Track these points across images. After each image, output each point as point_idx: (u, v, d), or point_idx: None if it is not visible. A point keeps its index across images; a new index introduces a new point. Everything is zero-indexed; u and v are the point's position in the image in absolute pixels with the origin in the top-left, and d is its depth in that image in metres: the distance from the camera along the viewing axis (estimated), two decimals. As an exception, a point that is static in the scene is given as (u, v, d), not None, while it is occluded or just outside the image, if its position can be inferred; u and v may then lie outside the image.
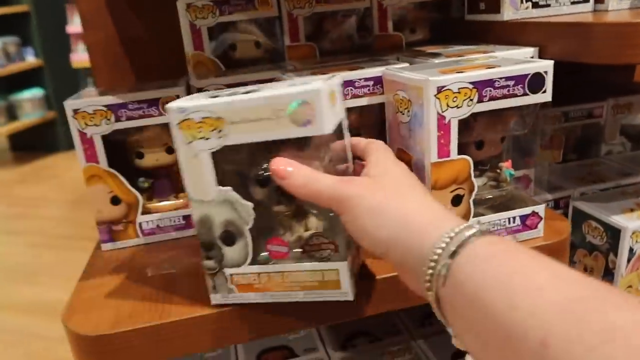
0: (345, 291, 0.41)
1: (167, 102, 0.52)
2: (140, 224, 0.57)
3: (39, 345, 1.56)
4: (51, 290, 1.88)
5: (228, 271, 0.42)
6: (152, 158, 0.58)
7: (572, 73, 0.60)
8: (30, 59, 3.63)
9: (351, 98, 0.51)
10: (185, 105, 0.38)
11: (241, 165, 0.42)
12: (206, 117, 0.37)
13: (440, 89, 0.43)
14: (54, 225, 2.49)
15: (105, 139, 0.54)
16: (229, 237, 0.40)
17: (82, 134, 0.54)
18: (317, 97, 0.36)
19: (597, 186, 0.72)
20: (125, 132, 0.55)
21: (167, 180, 0.60)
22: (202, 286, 0.46)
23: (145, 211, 0.57)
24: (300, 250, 0.42)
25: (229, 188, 0.39)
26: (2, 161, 3.82)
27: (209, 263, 0.41)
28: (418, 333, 0.72)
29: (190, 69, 0.66)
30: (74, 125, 0.53)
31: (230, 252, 0.41)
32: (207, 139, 0.38)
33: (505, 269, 0.28)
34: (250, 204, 0.39)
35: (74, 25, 2.99)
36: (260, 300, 0.42)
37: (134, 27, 0.80)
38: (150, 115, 0.54)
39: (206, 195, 0.40)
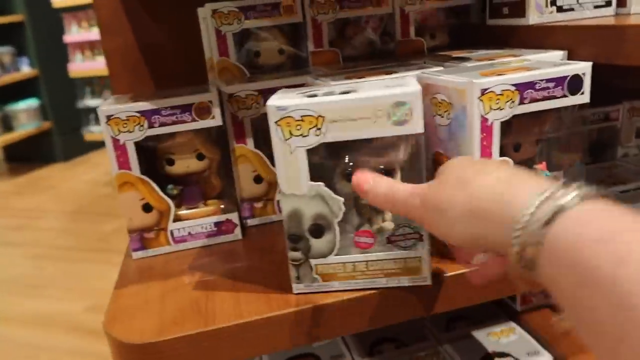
0: (425, 276, 0.44)
1: (200, 108, 0.52)
2: (171, 231, 0.56)
3: (47, 357, 1.54)
4: (55, 303, 1.85)
5: (313, 262, 0.44)
6: (183, 165, 0.57)
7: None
8: (26, 69, 3.61)
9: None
10: (286, 103, 0.40)
11: (328, 160, 0.43)
12: (306, 115, 0.39)
13: (483, 91, 0.43)
14: (54, 237, 2.47)
15: (137, 145, 0.54)
16: (318, 230, 0.43)
17: (115, 141, 0.53)
18: (416, 98, 0.39)
19: (617, 188, 0.73)
20: (156, 139, 0.55)
21: (196, 187, 0.59)
22: (241, 292, 0.46)
23: (176, 218, 0.57)
24: (386, 240, 0.44)
25: (321, 183, 0.42)
26: (-3, 172, 3.79)
27: (295, 254, 0.44)
28: (444, 338, 0.72)
29: (215, 75, 0.66)
30: (107, 132, 0.53)
31: (318, 244, 0.43)
32: (305, 136, 0.40)
33: (610, 227, 0.25)
34: (341, 199, 0.42)
35: (72, 35, 2.98)
36: (343, 288, 0.44)
37: (152, 34, 0.80)
38: (183, 121, 0.54)
39: (299, 189, 0.42)
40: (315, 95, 0.41)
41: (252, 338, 0.43)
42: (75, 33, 2.98)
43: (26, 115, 3.60)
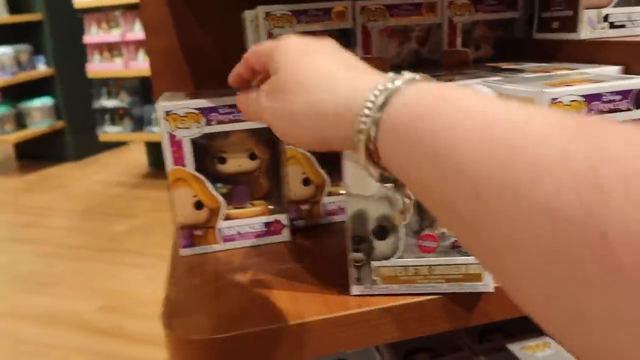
0: (487, 283, 0.44)
1: None
2: (220, 230, 0.56)
3: (57, 356, 1.53)
4: (64, 301, 1.85)
5: (375, 263, 0.44)
6: (235, 164, 0.58)
7: None
8: (42, 68, 3.64)
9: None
10: None
11: None
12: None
13: (553, 101, 0.43)
14: (64, 235, 2.47)
15: (192, 142, 0.54)
16: (382, 232, 0.43)
17: (172, 137, 0.53)
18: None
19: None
20: (210, 137, 0.55)
21: (246, 187, 0.59)
22: (298, 292, 0.46)
23: (225, 217, 0.57)
24: (450, 245, 0.44)
25: (391, 185, 0.41)
26: (8, 169, 3.80)
27: (358, 255, 0.44)
28: (479, 349, 0.71)
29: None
30: (164, 128, 0.53)
31: (381, 246, 0.43)
32: None
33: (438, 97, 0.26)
34: (410, 201, 0.41)
35: (91, 36, 3.00)
36: (403, 292, 0.44)
37: (195, 35, 0.80)
38: (239, 120, 0.54)
39: (367, 190, 0.42)
40: None
41: (312, 338, 0.42)
42: (95, 34, 3.00)
43: (40, 114, 3.63)
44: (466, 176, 0.22)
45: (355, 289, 0.45)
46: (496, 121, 0.22)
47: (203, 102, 0.53)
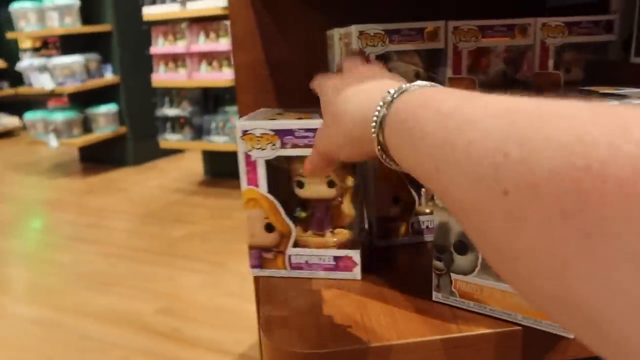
0: None
1: None
2: (289, 256, 0.56)
3: (118, 355, 1.58)
4: (126, 301, 1.91)
5: (454, 276, 0.45)
6: (313, 190, 0.56)
7: None
8: (109, 76, 3.81)
9: None
10: None
11: None
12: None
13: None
14: (125, 237, 2.56)
15: (270, 163, 0.54)
16: (462, 247, 0.44)
17: (247, 157, 0.53)
18: None
19: None
20: (289, 160, 0.55)
21: (326, 214, 0.57)
22: (395, 309, 0.46)
23: (299, 243, 0.56)
24: None
25: None
26: (72, 171, 3.99)
27: (439, 264, 0.46)
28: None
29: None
30: (241, 147, 0.53)
31: (460, 260, 0.45)
32: None
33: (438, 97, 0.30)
34: None
35: (158, 47, 3.12)
36: (477, 310, 0.45)
37: (280, 51, 0.82)
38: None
39: None
40: None
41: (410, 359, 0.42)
42: (161, 45, 3.12)
43: (105, 119, 3.79)
44: (429, 159, 0.28)
45: (435, 296, 0.47)
46: (449, 111, 0.27)
47: (279, 124, 0.52)
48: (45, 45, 5.69)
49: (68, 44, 3.86)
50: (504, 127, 0.23)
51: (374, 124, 0.34)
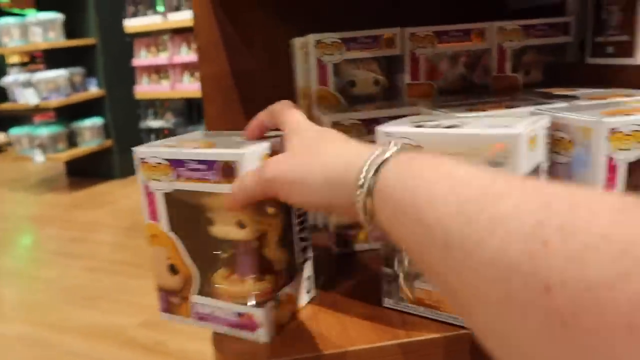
0: None
1: (226, 167, 0.41)
2: (194, 304, 0.47)
3: (101, 370, 1.57)
4: (109, 315, 1.90)
5: (402, 282, 0.45)
6: (222, 231, 0.44)
7: None
8: (93, 89, 3.80)
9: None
10: (392, 130, 0.42)
11: None
12: (408, 143, 0.40)
13: (612, 131, 0.42)
14: (110, 251, 2.54)
15: (170, 196, 0.45)
16: None
17: (146, 187, 0.46)
18: (516, 142, 0.37)
19: None
20: (194, 194, 0.44)
21: (248, 257, 0.43)
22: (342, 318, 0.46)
23: (212, 290, 0.46)
24: None
25: None
26: (59, 186, 3.96)
27: (387, 270, 0.46)
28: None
29: (307, 103, 0.68)
30: (139, 177, 0.46)
31: (410, 267, 0.45)
32: None
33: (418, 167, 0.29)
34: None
35: (140, 59, 3.12)
36: (427, 315, 0.45)
37: (245, 61, 0.83)
38: (208, 181, 0.42)
39: None
40: (421, 126, 0.42)
41: (362, 367, 0.42)
42: (144, 57, 3.12)
43: (90, 133, 3.78)
44: (438, 229, 0.24)
45: (386, 302, 0.47)
46: (465, 182, 0.25)
47: (172, 152, 0.43)
48: (33, 60, 5.67)
49: (52, 58, 3.86)
50: (538, 208, 0.20)
51: (360, 190, 0.32)
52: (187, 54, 2.98)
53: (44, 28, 3.58)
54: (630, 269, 0.16)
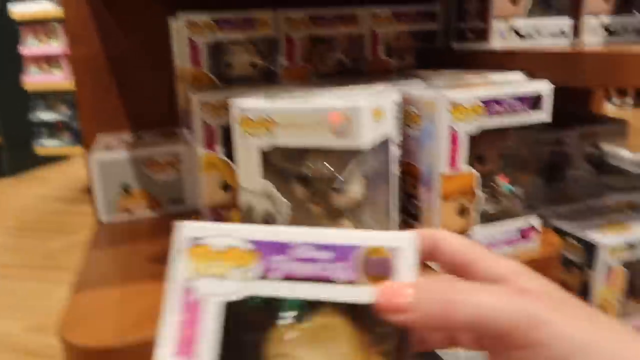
0: None
1: None
2: None
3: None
4: (1, 321, 1.75)
5: None
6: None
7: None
8: (-26, 80, 3.47)
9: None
10: (246, 106, 0.42)
11: (286, 163, 0.44)
12: (261, 117, 0.41)
13: (453, 104, 0.45)
14: (-4, 254, 2.34)
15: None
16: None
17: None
18: (357, 113, 0.38)
19: (570, 206, 0.77)
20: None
21: None
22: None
23: None
24: None
25: (270, 183, 0.43)
26: (-63, 186, 3.58)
27: None
28: None
29: (184, 84, 0.66)
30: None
31: None
32: (259, 137, 0.42)
33: None
34: (286, 202, 0.42)
35: (28, 47, 2.90)
36: None
37: (120, 44, 0.79)
38: None
39: (253, 185, 0.43)
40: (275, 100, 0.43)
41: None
42: (33, 45, 2.90)
43: (-28, 128, 3.45)
44: None
45: None
46: None
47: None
48: None
49: None
50: None
51: None
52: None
53: None
54: None
